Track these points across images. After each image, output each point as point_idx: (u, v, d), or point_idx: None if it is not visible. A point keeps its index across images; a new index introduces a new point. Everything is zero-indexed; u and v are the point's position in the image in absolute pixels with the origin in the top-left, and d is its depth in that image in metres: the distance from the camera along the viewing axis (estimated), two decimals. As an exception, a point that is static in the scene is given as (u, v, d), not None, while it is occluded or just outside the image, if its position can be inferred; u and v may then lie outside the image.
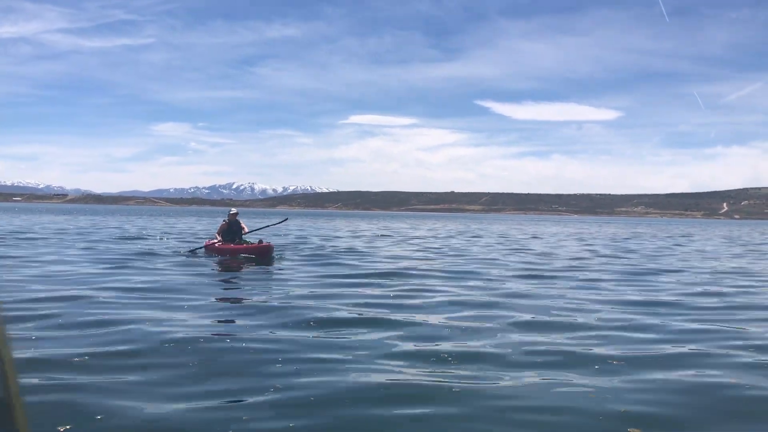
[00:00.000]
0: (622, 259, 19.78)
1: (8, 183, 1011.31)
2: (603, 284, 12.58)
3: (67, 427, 4.11)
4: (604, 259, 19.54)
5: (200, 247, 18.39)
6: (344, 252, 20.23)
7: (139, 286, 10.76)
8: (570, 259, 19.46)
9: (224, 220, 17.77)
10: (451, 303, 9.52)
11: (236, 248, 16.64)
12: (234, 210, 18.12)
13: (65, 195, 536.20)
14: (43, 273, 12.30)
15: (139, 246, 20.71)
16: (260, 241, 16.63)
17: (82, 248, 18.98)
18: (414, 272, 14.10)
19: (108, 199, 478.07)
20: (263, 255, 16.17)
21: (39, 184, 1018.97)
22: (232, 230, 17.47)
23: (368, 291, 10.95)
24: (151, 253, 17.63)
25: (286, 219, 24.91)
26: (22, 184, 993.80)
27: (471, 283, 12.26)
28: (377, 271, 14.37)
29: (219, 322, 7.84)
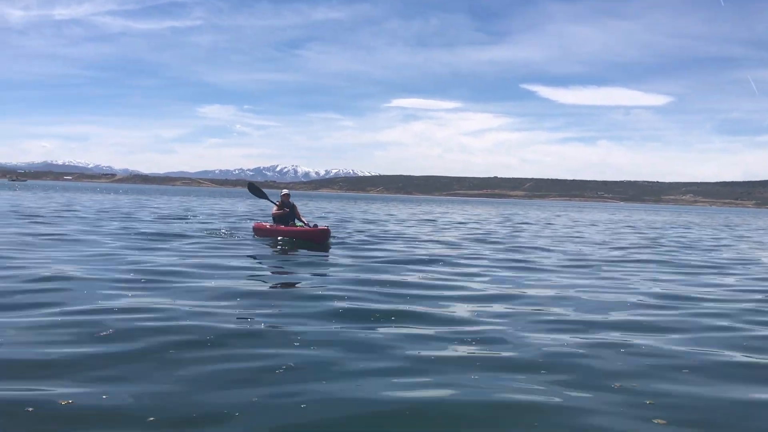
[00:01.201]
0: None
1: (60, 162, 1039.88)
2: None
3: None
4: None
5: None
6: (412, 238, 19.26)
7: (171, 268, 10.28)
8: None
9: (276, 202, 16.45)
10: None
11: (290, 230, 15.49)
12: (286, 190, 16.83)
13: (114, 175, 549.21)
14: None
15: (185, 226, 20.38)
16: (315, 225, 15.48)
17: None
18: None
19: (155, 180, 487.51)
20: (320, 240, 14.96)
21: (89, 164, 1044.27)
22: (284, 212, 16.25)
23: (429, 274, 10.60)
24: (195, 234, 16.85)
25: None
26: (72, 164, 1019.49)
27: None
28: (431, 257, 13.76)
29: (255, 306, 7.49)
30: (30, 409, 3.98)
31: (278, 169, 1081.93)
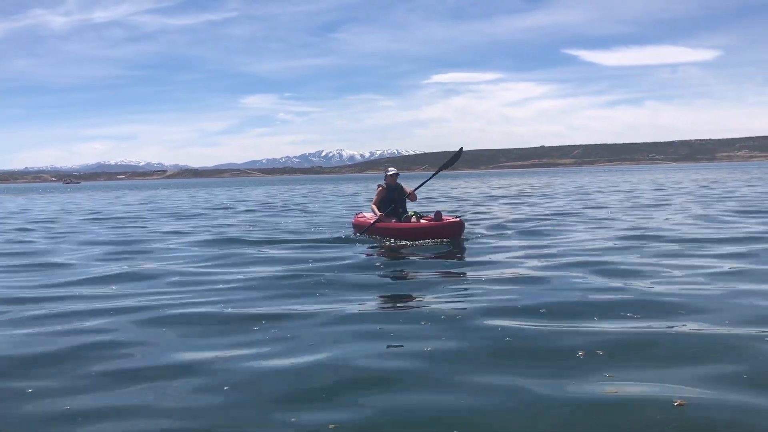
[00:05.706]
0: None
1: (112, 162, 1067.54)
2: None
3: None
4: None
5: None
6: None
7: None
8: None
9: (380, 185, 12.31)
10: None
11: (410, 228, 11.09)
12: (393, 170, 12.38)
13: (164, 171, 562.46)
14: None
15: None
16: (437, 214, 11.45)
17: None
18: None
19: (205, 173, 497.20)
20: (451, 235, 10.88)
21: (140, 162, 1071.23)
22: (392, 198, 11.98)
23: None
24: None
25: (461, 149, 13.33)
26: (124, 163, 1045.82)
27: None
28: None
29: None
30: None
31: (323, 154, 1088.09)
